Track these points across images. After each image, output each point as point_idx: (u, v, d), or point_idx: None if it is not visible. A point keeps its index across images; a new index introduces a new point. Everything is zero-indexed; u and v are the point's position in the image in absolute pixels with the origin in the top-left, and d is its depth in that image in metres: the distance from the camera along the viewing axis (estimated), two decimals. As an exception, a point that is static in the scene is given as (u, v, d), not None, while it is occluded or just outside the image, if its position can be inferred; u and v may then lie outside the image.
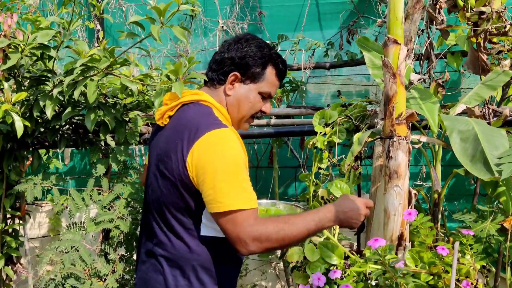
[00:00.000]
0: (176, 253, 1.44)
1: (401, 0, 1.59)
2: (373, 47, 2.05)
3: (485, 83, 1.91)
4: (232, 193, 1.32)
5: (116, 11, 3.49)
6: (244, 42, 1.50)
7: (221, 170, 1.32)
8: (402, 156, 1.63)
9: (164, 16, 1.46)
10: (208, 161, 1.34)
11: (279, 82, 1.56)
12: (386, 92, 1.63)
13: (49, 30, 1.65)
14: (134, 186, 2.14)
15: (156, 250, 1.47)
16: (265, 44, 1.53)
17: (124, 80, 1.64)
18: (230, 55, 1.49)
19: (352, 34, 3.25)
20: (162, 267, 1.45)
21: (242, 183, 1.34)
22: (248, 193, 1.35)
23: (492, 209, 1.80)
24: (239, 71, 1.48)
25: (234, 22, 3.42)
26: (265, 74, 1.50)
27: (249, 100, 1.50)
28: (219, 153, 1.34)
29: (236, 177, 1.33)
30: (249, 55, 1.48)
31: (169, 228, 1.45)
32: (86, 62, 1.61)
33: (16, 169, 2.22)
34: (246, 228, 1.30)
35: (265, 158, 3.45)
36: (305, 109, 2.72)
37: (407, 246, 1.69)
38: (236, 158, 1.35)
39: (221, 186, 1.32)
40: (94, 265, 1.99)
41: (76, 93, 1.64)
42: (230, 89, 1.49)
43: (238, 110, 1.51)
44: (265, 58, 1.49)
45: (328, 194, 1.89)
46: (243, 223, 1.31)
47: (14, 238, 2.31)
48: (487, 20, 1.75)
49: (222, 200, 1.31)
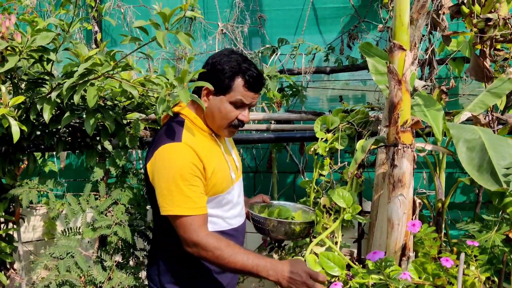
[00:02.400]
0: (156, 245, 1.80)
1: (407, 6, 1.56)
2: (376, 52, 2.02)
3: (490, 91, 1.89)
4: (174, 200, 1.54)
5: (115, 12, 3.45)
6: (217, 57, 1.64)
7: (166, 179, 1.55)
8: (407, 165, 1.60)
9: (169, 21, 1.43)
10: (157, 171, 1.57)
11: (251, 92, 1.63)
12: (391, 99, 1.60)
13: (48, 32, 1.61)
14: (132, 192, 2.09)
15: (153, 236, 1.87)
16: (237, 59, 1.62)
17: (125, 85, 1.60)
18: (204, 69, 1.64)
19: (353, 39, 3.23)
20: (154, 250, 1.82)
21: (185, 192, 1.54)
22: (192, 202, 1.55)
23: (497, 219, 1.77)
24: (211, 84, 1.59)
25: (234, 25, 3.39)
26: (233, 85, 1.60)
27: (221, 110, 1.63)
28: (166, 164, 1.56)
29: (178, 186, 1.54)
30: (217, 70, 1.61)
31: (154, 223, 1.79)
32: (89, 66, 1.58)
33: (11, 173, 2.17)
34: (189, 232, 1.54)
35: (263, 163, 3.41)
36: (306, 114, 2.68)
37: (410, 257, 1.65)
38: (181, 169, 1.54)
39: (164, 193, 1.55)
40: (89, 272, 1.94)
41: (76, 98, 1.61)
42: (205, 101, 1.64)
43: (213, 120, 1.66)
44: (232, 71, 1.60)
45: (330, 202, 1.86)
46: (188, 226, 1.54)
47: (7, 243, 2.26)
48: (493, 27, 1.72)
49: (165, 205, 1.56)
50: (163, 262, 1.74)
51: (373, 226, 1.98)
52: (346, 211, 1.82)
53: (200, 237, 1.53)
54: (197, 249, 1.54)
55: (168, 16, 1.44)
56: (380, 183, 1.96)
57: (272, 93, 2.97)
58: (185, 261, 1.70)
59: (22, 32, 1.65)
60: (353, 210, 1.81)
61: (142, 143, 2.26)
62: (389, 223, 1.65)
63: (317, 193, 2.14)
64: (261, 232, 1.90)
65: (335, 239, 1.90)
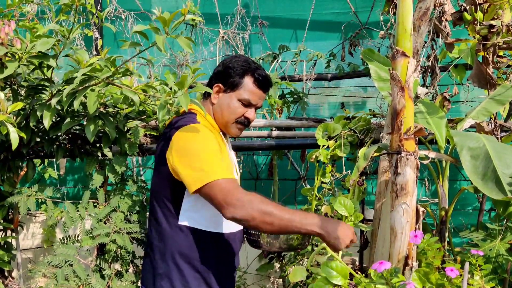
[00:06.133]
0: (158, 240, 1.67)
1: (410, 12, 1.55)
2: (378, 59, 2.00)
3: (493, 98, 1.87)
4: (208, 168, 1.50)
5: (116, 18, 3.45)
6: (228, 59, 1.77)
7: (195, 151, 1.53)
8: (410, 173, 1.58)
9: (169, 26, 1.42)
10: (181, 148, 1.55)
11: (259, 90, 1.73)
12: (394, 106, 1.58)
13: (48, 38, 1.60)
14: (131, 199, 2.07)
15: (148, 239, 1.74)
16: (247, 59, 1.75)
17: (125, 91, 1.59)
18: (217, 70, 1.77)
19: (354, 46, 3.22)
20: (148, 253, 1.72)
21: (219, 157, 1.54)
22: (227, 167, 1.55)
23: (501, 227, 1.75)
24: (221, 82, 1.72)
25: (235, 32, 3.38)
26: (243, 82, 1.70)
27: (229, 106, 1.71)
28: (191, 139, 1.55)
29: (209, 154, 1.53)
30: (229, 67, 1.72)
31: (156, 217, 1.68)
32: (87, 72, 1.56)
33: (10, 180, 2.15)
34: (231, 192, 1.47)
35: (264, 169, 3.39)
36: (307, 121, 2.67)
37: (414, 266, 1.63)
38: (207, 140, 1.57)
39: (196, 166, 1.51)
40: (88, 281, 1.92)
41: (75, 103, 1.59)
42: (215, 98, 1.73)
43: (221, 115, 1.72)
44: (243, 69, 1.71)
45: (332, 210, 1.84)
46: (229, 189, 1.48)
47: (5, 251, 2.23)
48: (497, 34, 1.71)
49: (200, 176, 1.49)
50: (176, 267, 1.64)
51: (375, 235, 1.95)
52: (348, 220, 1.79)
53: (245, 194, 1.48)
54: (243, 207, 1.45)
55: (168, 20, 1.43)
56: (383, 191, 1.94)
57: (273, 99, 2.96)
58: (200, 261, 1.65)
59: (22, 38, 1.63)
60: (355, 218, 1.79)
61: (142, 150, 2.24)
62: (392, 231, 1.62)
63: (318, 200, 2.12)
64: (254, 245, 1.81)
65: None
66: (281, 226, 1.48)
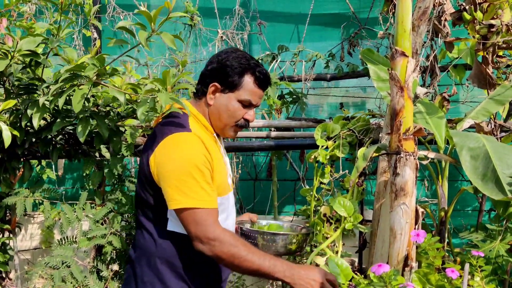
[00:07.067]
0: (144, 247, 1.54)
1: (409, 12, 1.54)
2: (378, 59, 1.99)
3: (493, 98, 1.86)
4: (187, 191, 1.40)
5: (114, 19, 3.44)
6: (223, 54, 1.59)
7: (177, 169, 1.42)
8: (410, 173, 1.57)
9: (155, 22, 1.38)
10: (165, 161, 1.44)
11: (260, 89, 1.60)
12: (393, 106, 1.57)
13: (36, 37, 1.57)
14: (128, 200, 2.06)
15: (133, 245, 1.62)
16: (244, 55, 1.59)
17: (112, 90, 1.55)
18: (211, 67, 1.58)
19: (353, 46, 3.21)
20: (133, 260, 1.58)
21: (200, 183, 1.43)
22: (207, 194, 1.43)
23: (501, 228, 1.74)
24: (218, 81, 1.56)
25: (234, 32, 3.37)
26: (243, 82, 1.56)
27: (228, 108, 1.57)
28: (177, 153, 1.44)
29: (192, 176, 1.42)
30: (226, 65, 1.55)
31: (141, 225, 1.57)
32: (72, 69, 1.52)
33: (7, 181, 2.13)
34: (203, 227, 1.40)
35: (263, 170, 3.38)
36: (306, 121, 2.66)
37: (413, 267, 1.62)
38: (194, 159, 1.44)
39: (176, 185, 1.41)
40: (85, 282, 1.90)
41: (60, 102, 1.54)
42: (211, 99, 1.57)
43: (219, 118, 1.58)
44: (242, 67, 1.55)
45: (331, 211, 1.83)
46: (202, 221, 1.40)
47: (2, 252, 2.22)
48: (496, 33, 1.70)
49: (177, 197, 1.41)
50: (164, 269, 1.54)
51: (374, 236, 1.94)
52: (347, 220, 1.78)
53: (217, 233, 1.40)
54: (211, 246, 1.40)
55: (154, 16, 1.38)
56: (382, 191, 1.92)
57: (272, 100, 2.95)
58: (191, 263, 1.55)
59: (13, 36, 1.61)
60: (354, 219, 1.78)
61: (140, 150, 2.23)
62: (391, 232, 1.61)
63: (317, 201, 2.10)
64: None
65: (335, 248, 1.86)
66: (249, 271, 1.45)
